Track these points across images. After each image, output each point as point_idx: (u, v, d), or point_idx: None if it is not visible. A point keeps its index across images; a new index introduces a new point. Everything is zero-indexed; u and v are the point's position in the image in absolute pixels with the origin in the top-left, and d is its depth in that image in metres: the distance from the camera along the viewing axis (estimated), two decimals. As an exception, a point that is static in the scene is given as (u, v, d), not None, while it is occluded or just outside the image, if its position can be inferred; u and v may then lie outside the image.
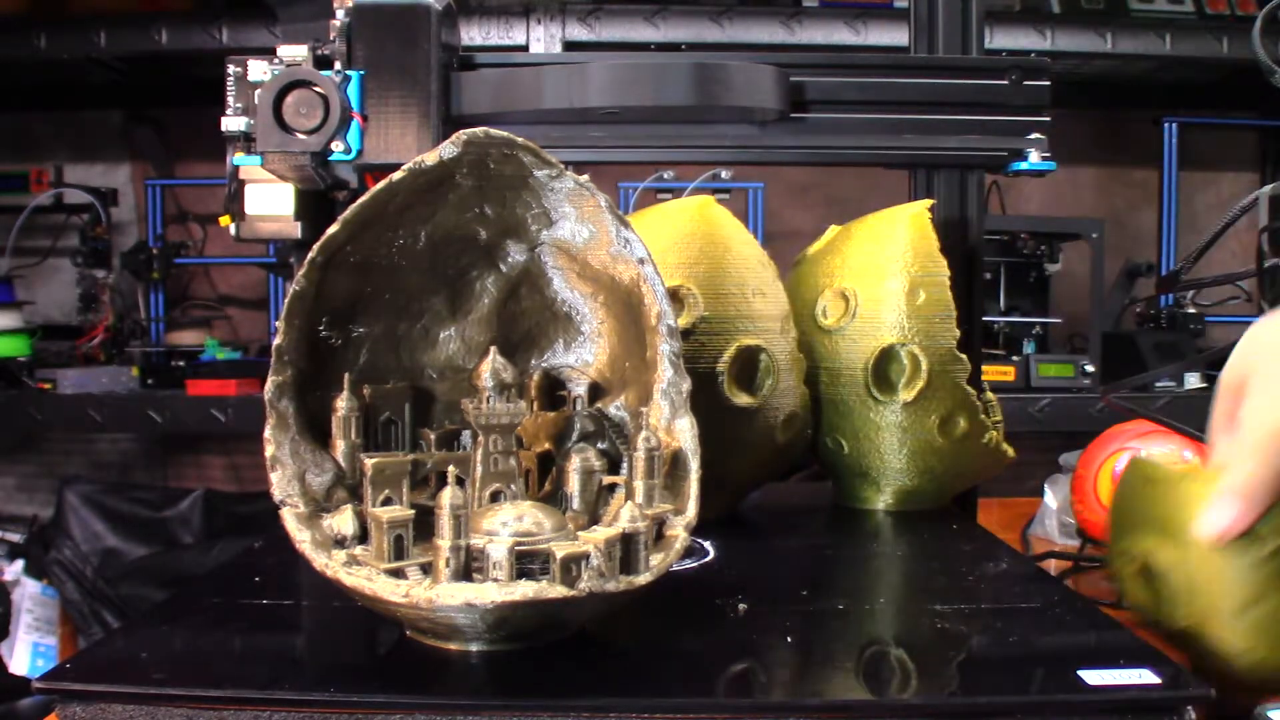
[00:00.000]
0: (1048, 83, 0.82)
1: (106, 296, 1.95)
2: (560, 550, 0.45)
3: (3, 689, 1.37)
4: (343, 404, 0.54)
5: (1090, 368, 1.73)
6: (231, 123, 0.73)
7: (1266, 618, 0.50)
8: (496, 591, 0.44)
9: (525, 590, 0.44)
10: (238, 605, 0.55)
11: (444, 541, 0.46)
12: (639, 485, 0.51)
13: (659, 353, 0.54)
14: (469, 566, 0.46)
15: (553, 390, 0.61)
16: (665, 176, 1.84)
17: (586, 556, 0.45)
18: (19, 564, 1.85)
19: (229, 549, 1.71)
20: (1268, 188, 0.76)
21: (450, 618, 0.45)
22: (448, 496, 0.46)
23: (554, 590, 0.44)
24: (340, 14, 0.71)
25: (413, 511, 0.50)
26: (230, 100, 0.73)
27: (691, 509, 0.52)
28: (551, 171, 0.53)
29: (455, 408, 0.58)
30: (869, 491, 0.81)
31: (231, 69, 0.73)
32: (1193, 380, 1.73)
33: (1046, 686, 0.46)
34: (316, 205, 0.79)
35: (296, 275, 0.50)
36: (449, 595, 0.44)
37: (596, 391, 0.61)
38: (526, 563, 0.46)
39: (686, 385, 0.54)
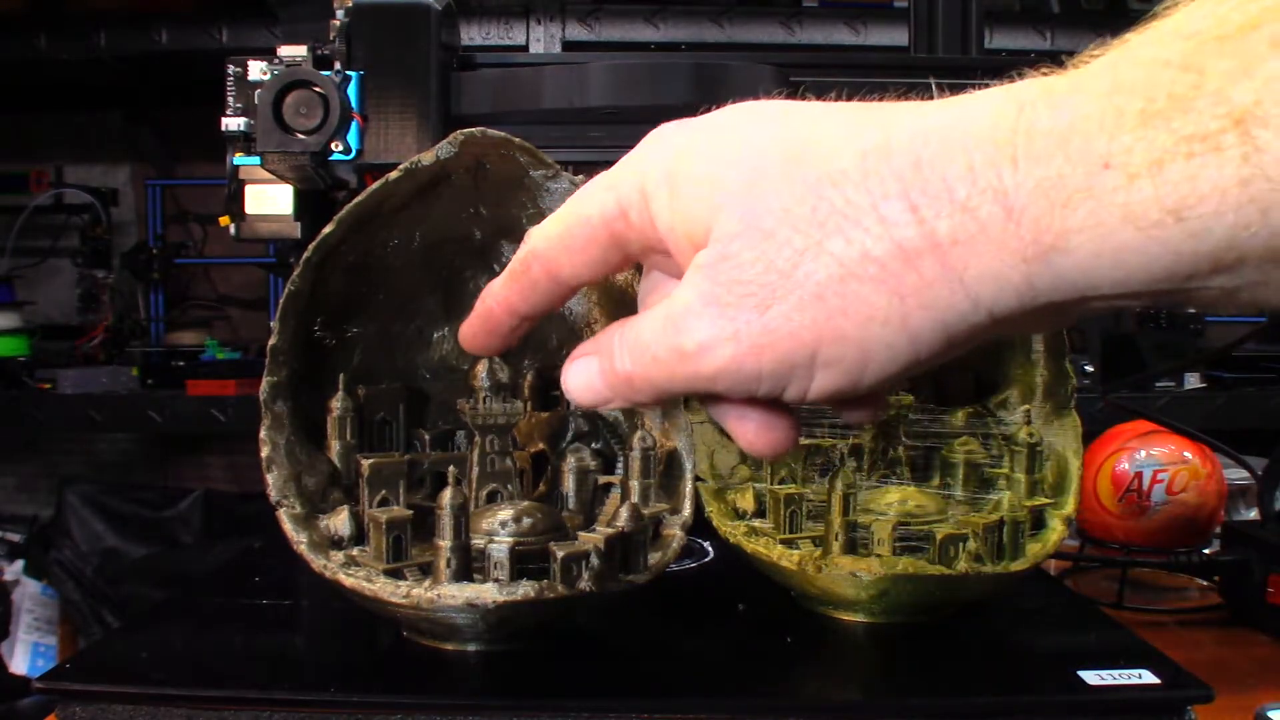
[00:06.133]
0: (1047, 82, 0.82)
1: (106, 296, 1.94)
2: (561, 550, 0.45)
3: (3, 689, 1.37)
4: (337, 404, 0.54)
5: (1090, 368, 1.73)
6: (231, 123, 0.73)
7: None
8: (498, 591, 0.44)
9: (527, 590, 0.44)
10: (238, 605, 0.55)
11: (445, 542, 0.46)
12: (634, 485, 0.52)
13: (656, 352, 0.54)
14: (469, 567, 0.46)
15: (547, 390, 0.61)
16: (665, 176, 1.84)
17: (587, 556, 0.45)
18: (19, 564, 1.85)
19: (229, 549, 1.70)
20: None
21: (450, 618, 0.45)
22: (448, 497, 0.46)
23: (555, 590, 0.44)
24: (340, 14, 0.71)
25: (411, 512, 0.50)
26: (230, 100, 0.73)
27: (687, 508, 0.52)
28: (547, 172, 0.53)
29: (449, 408, 0.58)
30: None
31: (231, 69, 0.73)
32: (1192, 380, 1.73)
33: (1046, 686, 0.46)
34: (316, 205, 0.79)
35: (291, 275, 0.50)
36: (451, 595, 0.44)
37: (595, 391, 0.61)
38: (526, 563, 0.46)
39: (684, 385, 0.54)
